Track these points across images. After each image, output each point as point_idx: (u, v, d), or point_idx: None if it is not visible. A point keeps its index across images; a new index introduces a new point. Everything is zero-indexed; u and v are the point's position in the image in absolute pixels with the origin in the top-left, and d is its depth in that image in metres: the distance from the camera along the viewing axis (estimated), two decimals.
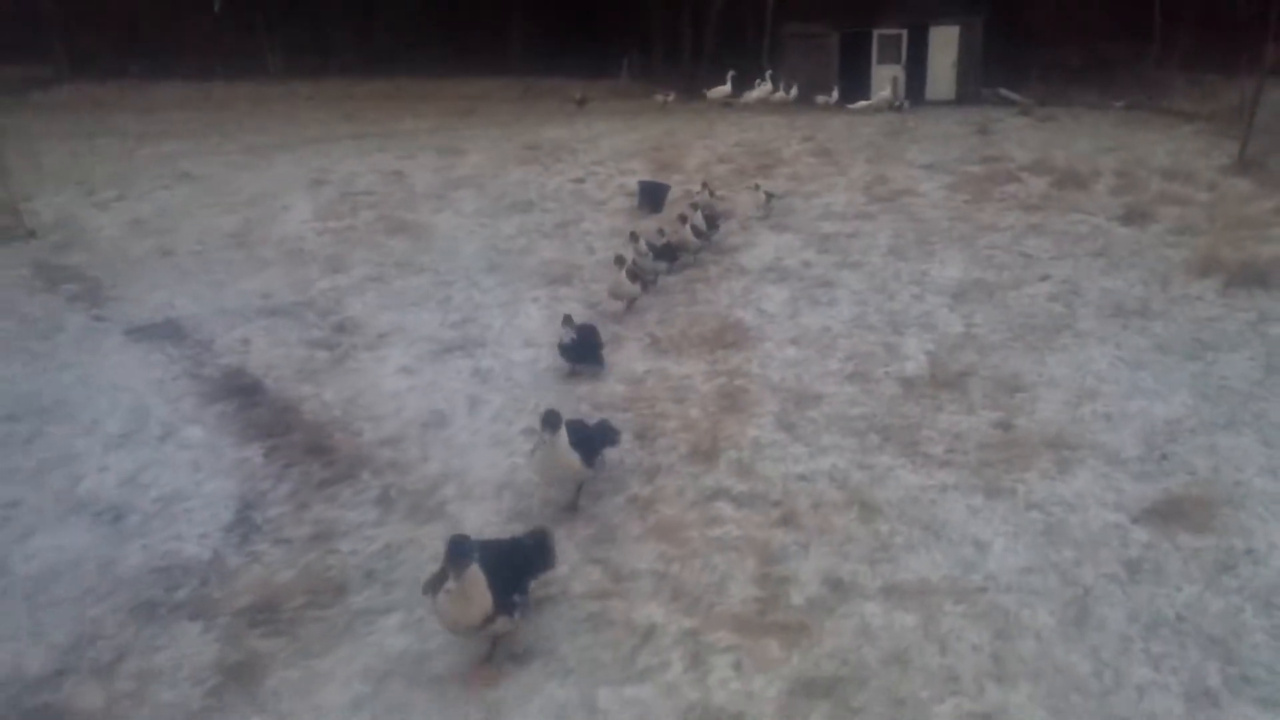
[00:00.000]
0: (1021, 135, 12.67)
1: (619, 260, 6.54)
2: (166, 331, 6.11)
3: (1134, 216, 8.49)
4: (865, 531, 4.03)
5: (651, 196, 9.42)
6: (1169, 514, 4.07)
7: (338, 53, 26.41)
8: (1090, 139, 12.15)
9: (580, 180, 10.78)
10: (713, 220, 7.93)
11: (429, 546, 3.88)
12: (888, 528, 4.05)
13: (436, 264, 7.68)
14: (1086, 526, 4.02)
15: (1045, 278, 7.09)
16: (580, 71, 22.12)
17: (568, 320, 5.46)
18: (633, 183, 10.27)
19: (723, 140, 13.13)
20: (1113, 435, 4.74)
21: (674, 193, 9.59)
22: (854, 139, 12.80)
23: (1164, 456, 4.54)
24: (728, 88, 18.06)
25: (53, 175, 9.51)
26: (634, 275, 6.53)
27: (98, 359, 5.68)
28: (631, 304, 6.61)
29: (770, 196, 8.65)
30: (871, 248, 7.98)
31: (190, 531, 4.01)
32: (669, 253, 7.29)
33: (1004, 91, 16.53)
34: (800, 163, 11.38)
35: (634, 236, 7.20)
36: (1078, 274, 7.10)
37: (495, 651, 3.27)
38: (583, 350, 5.52)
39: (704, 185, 9.01)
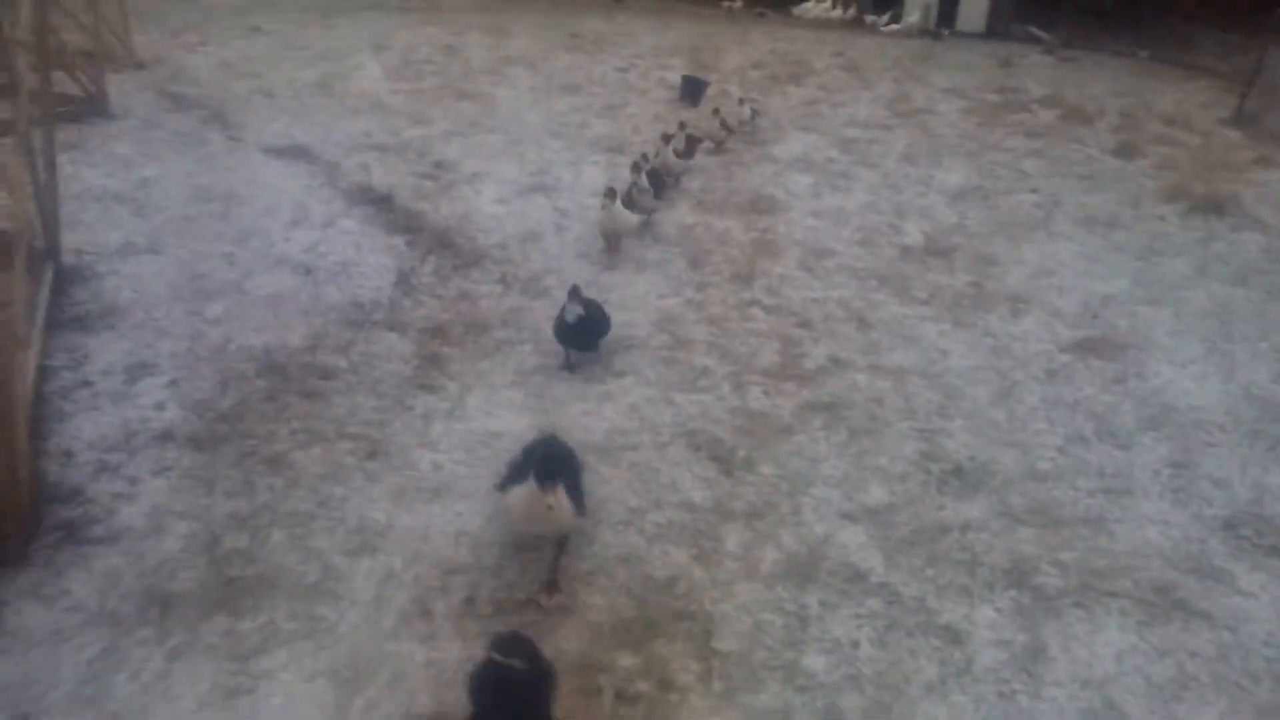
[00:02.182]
0: (1041, 72, 14.43)
1: (635, 169, 7.07)
2: (297, 153, 7.92)
3: (1125, 151, 10.35)
4: (860, 336, 5.98)
5: (692, 90, 11.18)
6: (1088, 348, 6.03)
7: None
8: (1105, 82, 13.94)
9: (624, 70, 12.51)
10: (694, 142, 8.66)
11: (539, 313, 5.80)
12: (877, 335, 6.00)
13: (505, 127, 9.46)
14: (1025, 350, 5.98)
15: (1034, 190, 8.97)
16: None
17: (575, 293, 5.10)
18: (672, 76, 12.01)
19: (758, 48, 14.83)
20: (1059, 299, 6.69)
21: (712, 89, 11.36)
22: (883, 58, 14.54)
23: (1095, 315, 6.49)
24: None
25: (135, 18, 11.04)
26: (631, 204, 6.71)
27: (250, 167, 7.50)
28: (620, 243, 6.76)
29: (755, 114, 10.21)
30: (888, 153, 9.82)
31: (367, 284, 5.92)
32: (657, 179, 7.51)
33: (1034, 29, 18.17)
34: (830, 75, 13.15)
35: (682, 126, 8.54)
36: (1063, 190, 8.99)
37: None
38: (587, 333, 5.23)
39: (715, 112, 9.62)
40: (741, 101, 10.14)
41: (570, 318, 5.09)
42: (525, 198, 7.61)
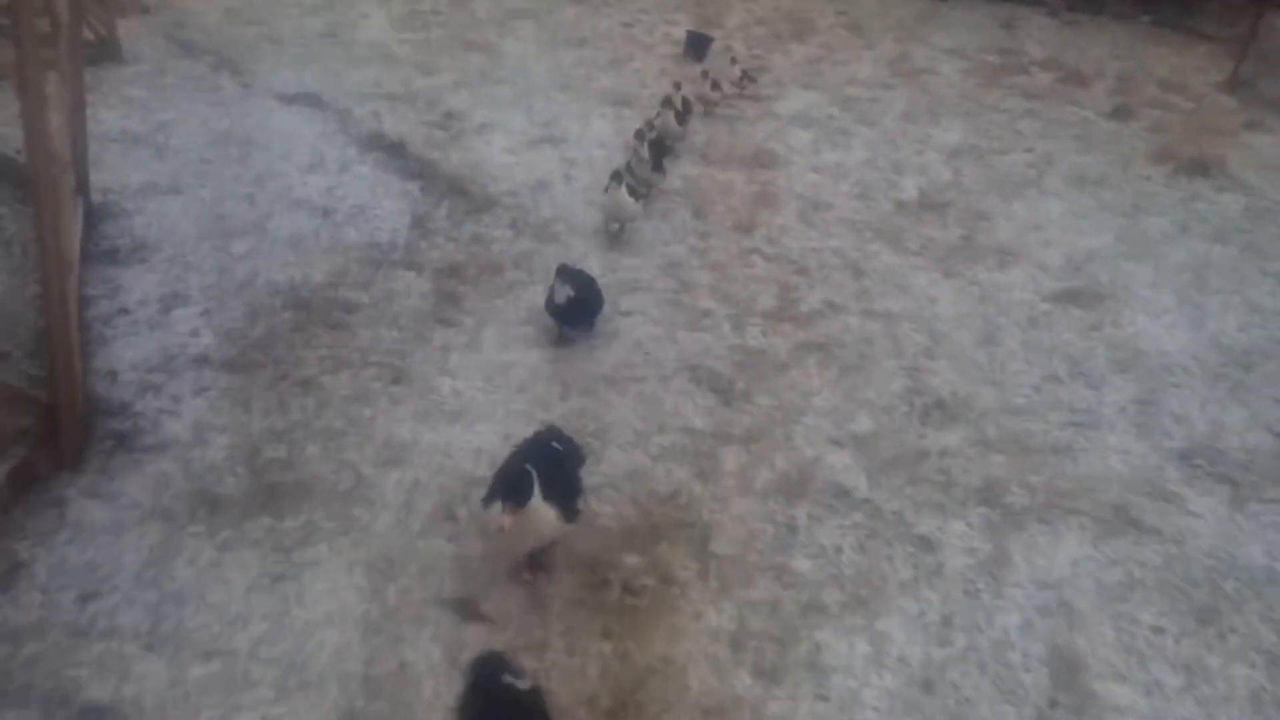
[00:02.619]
0: (1043, 34, 14.72)
1: (640, 134, 7.12)
2: (309, 101, 8.25)
3: (1119, 113, 10.71)
4: (854, 283, 6.39)
5: (697, 46, 11.48)
6: (1069, 298, 6.45)
7: None
8: (1105, 45, 14.25)
9: (629, 25, 12.79)
10: (687, 109, 8.58)
11: (550, 255, 6.20)
12: (870, 283, 6.42)
13: (513, 79, 9.78)
14: (1009, 299, 6.39)
15: (1029, 150, 9.34)
16: None
17: (563, 271, 5.15)
18: (677, 32, 12.30)
19: (761, 4, 15.07)
20: (1045, 252, 7.09)
21: (716, 45, 11.68)
22: (885, 18, 14.80)
23: (1078, 269, 6.90)
24: None
25: None
26: (634, 191, 6.50)
27: (263, 113, 7.85)
28: (625, 229, 6.65)
29: (745, 75, 10.00)
30: (887, 112, 10.17)
31: (384, 227, 6.31)
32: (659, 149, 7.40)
33: None
34: (832, 33, 13.44)
35: (677, 87, 8.48)
36: (1056, 150, 9.36)
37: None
38: (578, 311, 5.25)
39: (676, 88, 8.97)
40: (733, 61, 10.41)
41: (560, 299, 5.10)
42: (534, 148, 7.97)
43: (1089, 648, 3.74)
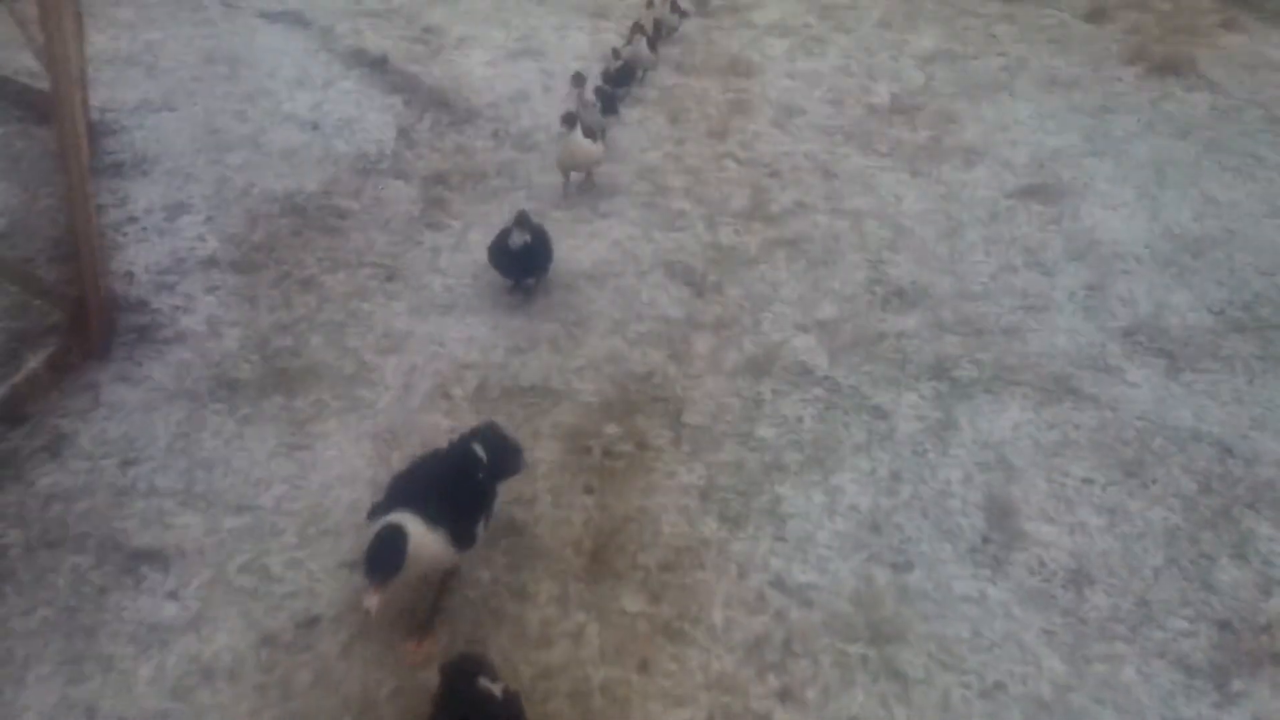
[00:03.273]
0: None
1: (578, 79, 6.47)
2: (291, 19, 8.57)
3: (1095, 16, 11.03)
4: (824, 184, 6.84)
5: None
6: (1030, 194, 6.91)
7: None
8: None
9: None
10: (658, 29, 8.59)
11: (531, 164, 6.63)
12: (839, 184, 6.86)
13: None
14: (973, 195, 6.85)
15: (1002, 54, 9.71)
16: None
17: (522, 219, 5.00)
18: None
19: None
20: (1011, 152, 7.53)
21: None
22: None
23: (1041, 166, 7.34)
24: None
25: None
26: (590, 133, 6.17)
27: (249, 32, 8.18)
28: (589, 176, 6.46)
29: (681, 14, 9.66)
30: (864, 20, 10.49)
31: (371, 139, 6.73)
32: (626, 75, 7.46)
33: None
34: None
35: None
36: (1029, 54, 9.72)
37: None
38: (526, 262, 5.15)
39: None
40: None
41: (515, 244, 4.99)
42: (513, 60, 8.33)
43: (1022, 495, 4.29)
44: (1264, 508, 4.30)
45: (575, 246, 5.83)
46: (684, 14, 9.67)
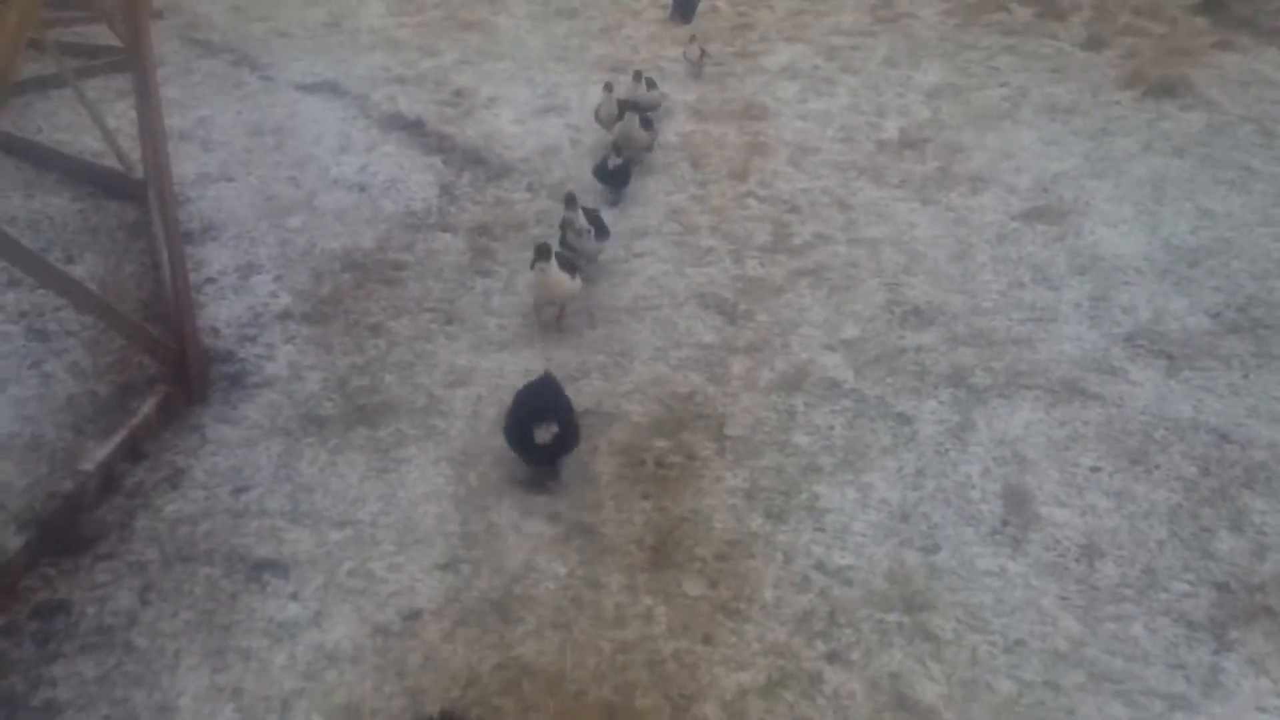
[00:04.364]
0: None
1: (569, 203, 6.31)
2: (327, 89, 9.40)
3: (1093, 43, 11.78)
4: (841, 216, 7.54)
5: (684, 8, 12.58)
6: (1035, 215, 7.58)
7: None
8: None
9: None
10: (653, 107, 8.83)
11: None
12: (855, 215, 7.56)
13: (511, 54, 10.91)
14: (981, 219, 7.53)
15: (1004, 85, 10.45)
16: None
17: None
18: None
19: None
20: (1015, 177, 8.22)
21: (703, 5, 12.77)
22: None
23: (1045, 189, 8.03)
24: None
25: None
26: (569, 264, 5.86)
27: (290, 104, 9.00)
28: (564, 309, 6.05)
29: (703, 53, 10.66)
30: (870, 58, 11.27)
31: (416, 196, 7.48)
32: (622, 174, 7.41)
33: None
34: None
35: (608, 87, 8.22)
36: (1031, 83, 10.46)
37: None
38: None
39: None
40: (692, 39, 11.03)
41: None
42: (540, 117, 9.11)
43: (1037, 484, 4.90)
44: (1259, 486, 4.89)
45: (615, 284, 6.52)
46: (655, 132, 8.39)
